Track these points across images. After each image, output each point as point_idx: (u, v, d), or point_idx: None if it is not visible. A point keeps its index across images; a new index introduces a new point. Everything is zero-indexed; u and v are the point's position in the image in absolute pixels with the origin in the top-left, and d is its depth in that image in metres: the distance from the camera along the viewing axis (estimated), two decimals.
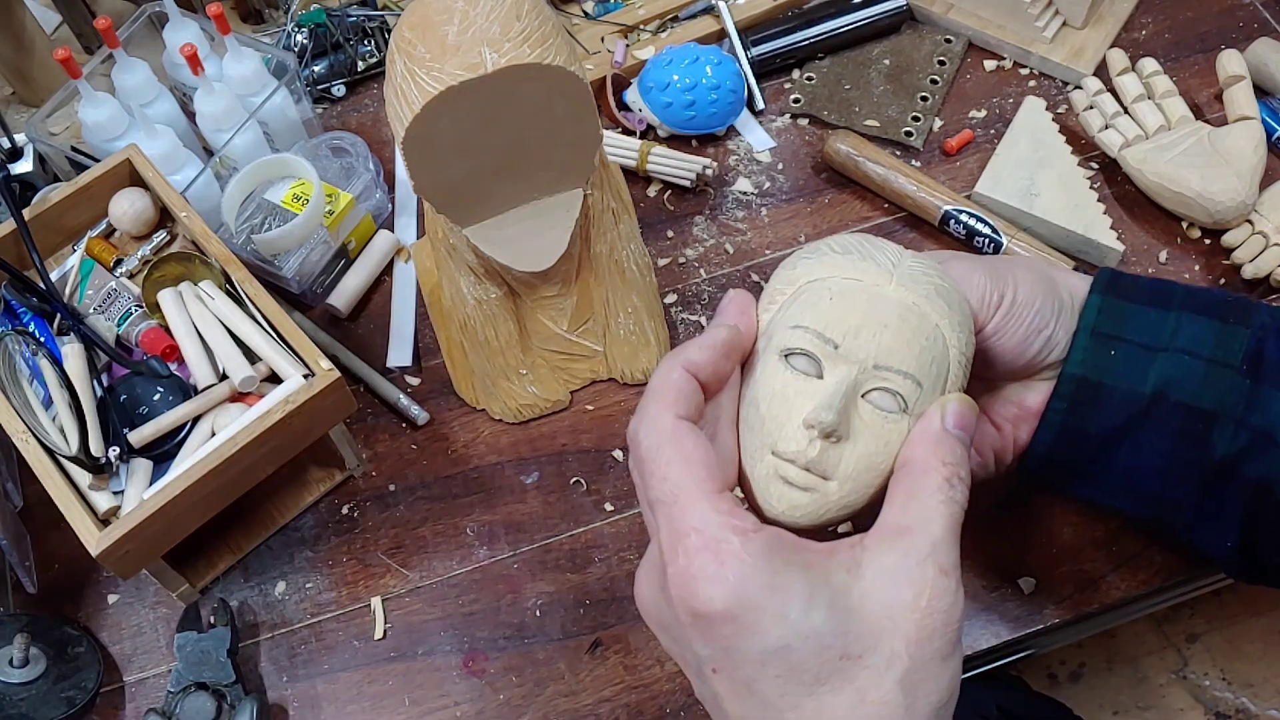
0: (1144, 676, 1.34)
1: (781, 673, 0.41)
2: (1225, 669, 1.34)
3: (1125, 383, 0.54)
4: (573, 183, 0.70)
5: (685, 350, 0.46)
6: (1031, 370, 0.56)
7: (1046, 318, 0.54)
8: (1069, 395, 0.55)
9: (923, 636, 0.42)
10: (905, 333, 0.46)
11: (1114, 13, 0.93)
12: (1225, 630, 1.36)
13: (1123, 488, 0.57)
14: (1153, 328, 0.55)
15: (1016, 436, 0.58)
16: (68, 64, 0.77)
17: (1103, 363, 0.55)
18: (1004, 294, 0.54)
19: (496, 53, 0.59)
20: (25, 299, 0.72)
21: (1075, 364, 0.55)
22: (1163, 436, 0.55)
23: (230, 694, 0.67)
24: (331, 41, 0.95)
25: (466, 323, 0.76)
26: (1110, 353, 0.55)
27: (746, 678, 0.41)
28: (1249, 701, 1.32)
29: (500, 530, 0.74)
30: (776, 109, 0.92)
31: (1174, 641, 1.36)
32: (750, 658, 0.41)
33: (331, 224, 0.82)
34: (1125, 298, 0.55)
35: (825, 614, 0.41)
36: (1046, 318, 0.54)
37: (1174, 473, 0.56)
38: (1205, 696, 1.32)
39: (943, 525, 0.43)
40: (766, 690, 0.41)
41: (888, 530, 0.43)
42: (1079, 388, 0.55)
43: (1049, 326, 0.55)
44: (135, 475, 0.66)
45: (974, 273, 0.54)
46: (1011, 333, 0.54)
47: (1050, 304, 0.54)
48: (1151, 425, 0.55)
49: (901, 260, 0.49)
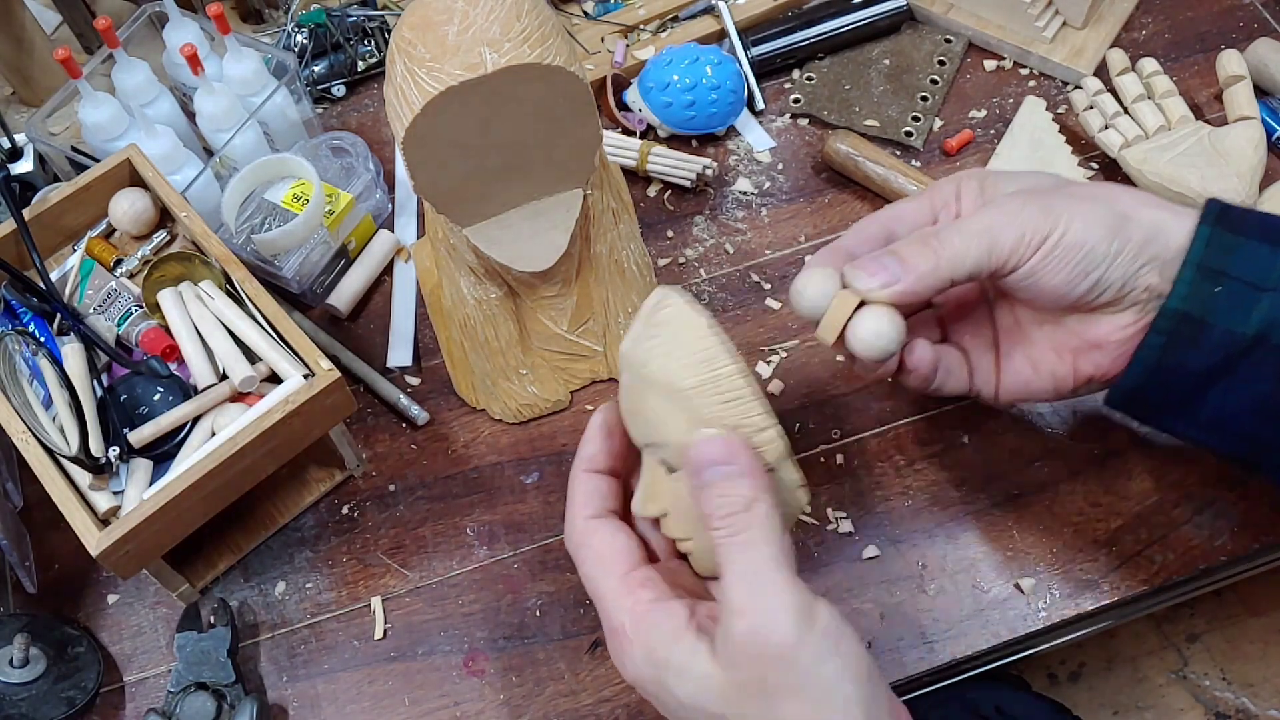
0: (1144, 676, 1.34)
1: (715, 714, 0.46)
2: (1225, 669, 1.34)
3: (1227, 321, 0.53)
4: (573, 183, 0.70)
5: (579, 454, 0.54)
6: (1083, 308, 0.56)
7: (1097, 260, 0.54)
8: (1168, 330, 0.54)
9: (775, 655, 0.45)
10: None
11: (1114, 13, 0.93)
12: (1225, 630, 1.36)
13: (1214, 425, 0.57)
14: (1261, 265, 0.53)
15: (1078, 366, 0.58)
16: (68, 64, 0.77)
17: (1206, 299, 0.53)
18: (1049, 234, 0.53)
19: (496, 53, 0.59)
20: (25, 299, 0.72)
21: (1178, 298, 0.53)
22: (1261, 378, 0.54)
23: (230, 694, 0.67)
24: (331, 41, 0.95)
25: (466, 323, 0.76)
26: (1215, 289, 0.53)
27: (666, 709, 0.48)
28: (1249, 701, 1.32)
29: (500, 530, 0.74)
30: (776, 109, 0.92)
31: (1174, 641, 1.36)
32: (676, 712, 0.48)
33: (331, 224, 0.82)
34: (1234, 230, 0.54)
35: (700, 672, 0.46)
36: (1097, 260, 0.54)
37: (1269, 414, 0.55)
38: (1205, 696, 1.32)
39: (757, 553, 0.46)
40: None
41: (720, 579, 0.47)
42: (1179, 323, 0.54)
43: (1099, 269, 0.54)
44: (135, 475, 0.66)
45: (1023, 209, 0.54)
46: (1051, 275, 0.54)
47: (1107, 245, 0.53)
48: (1250, 365, 0.53)
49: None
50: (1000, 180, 0.59)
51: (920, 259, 0.55)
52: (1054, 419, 0.75)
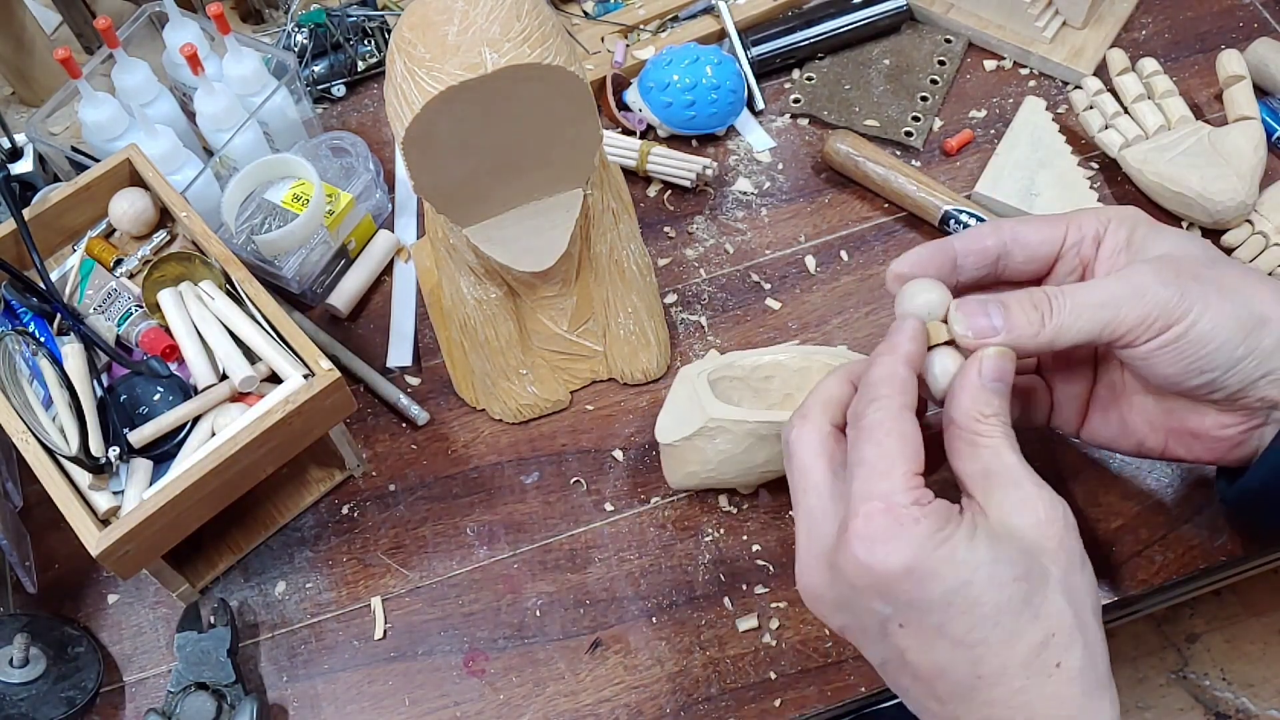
0: (1144, 676, 1.34)
1: (965, 608, 0.45)
2: (1225, 669, 1.34)
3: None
4: (573, 183, 0.70)
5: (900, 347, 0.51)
6: (1194, 397, 0.54)
7: (1218, 362, 0.51)
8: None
9: (1056, 546, 0.47)
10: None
11: (1114, 13, 0.93)
12: (1225, 630, 1.36)
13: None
14: None
15: (1169, 445, 0.57)
16: (68, 64, 0.77)
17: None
18: (1174, 323, 0.50)
19: (496, 53, 0.59)
20: (25, 299, 0.72)
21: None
22: None
23: (230, 694, 0.67)
24: (331, 41, 0.95)
25: (466, 323, 0.76)
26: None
27: (934, 623, 0.46)
28: (1249, 701, 1.32)
29: (500, 530, 0.74)
30: (776, 109, 0.92)
31: (1174, 641, 1.36)
32: (935, 603, 0.45)
33: (331, 224, 0.82)
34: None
35: (986, 548, 0.45)
36: (1218, 362, 0.51)
37: None
38: (1205, 696, 1.32)
39: (1010, 455, 0.48)
40: (955, 629, 0.45)
41: (976, 478, 0.49)
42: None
43: (1217, 370, 0.51)
44: (135, 475, 0.66)
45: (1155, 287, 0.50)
46: (1164, 364, 0.51)
47: (1233, 349, 0.50)
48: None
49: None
50: (1150, 238, 0.54)
51: (1025, 322, 0.51)
52: None
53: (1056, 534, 0.47)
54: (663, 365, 0.79)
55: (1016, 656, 0.45)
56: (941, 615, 0.45)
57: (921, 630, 0.46)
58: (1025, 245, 0.56)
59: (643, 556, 0.72)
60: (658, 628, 0.70)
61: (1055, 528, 0.47)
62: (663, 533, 0.73)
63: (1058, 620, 0.45)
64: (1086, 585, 0.47)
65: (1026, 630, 0.45)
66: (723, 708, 0.67)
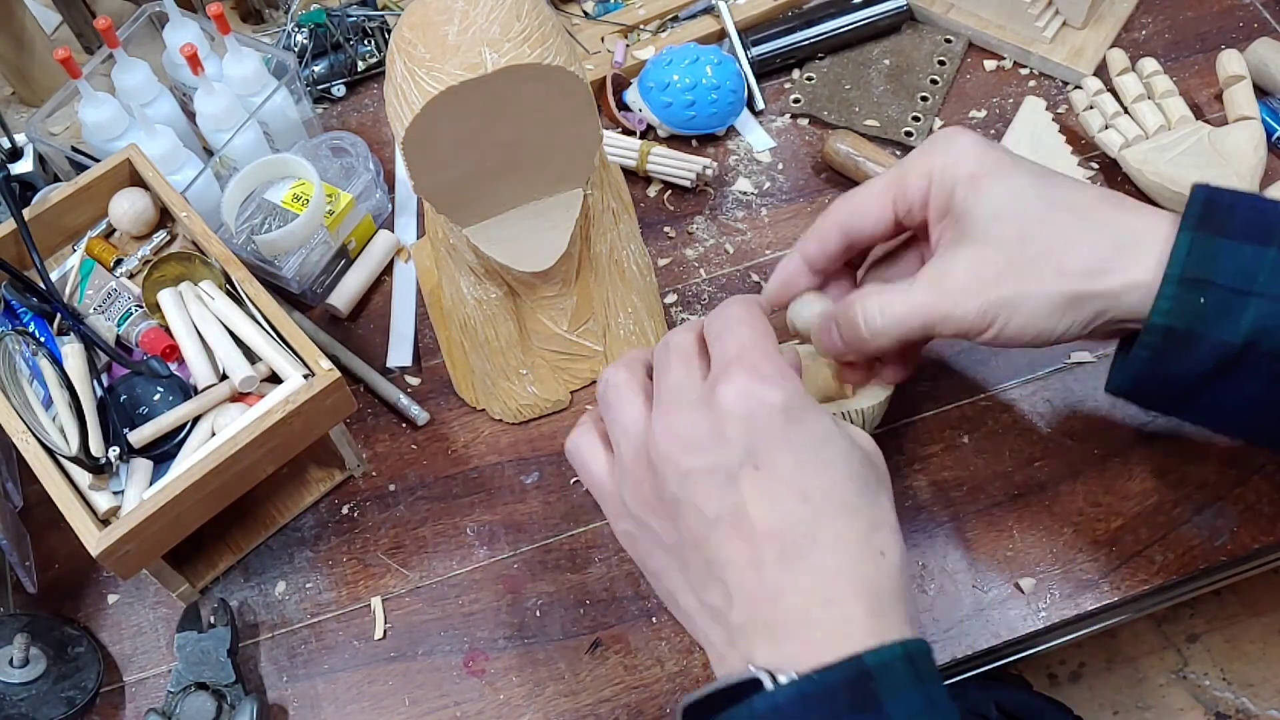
0: (1144, 676, 1.34)
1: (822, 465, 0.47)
2: (1225, 669, 1.34)
3: (1215, 331, 0.52)
4: (573, 183, 0.70)
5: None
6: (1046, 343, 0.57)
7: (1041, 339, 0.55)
8: (1154, 345, 0.53)
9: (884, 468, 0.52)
10: None
11: (1114, 13, 0.93)
12: (1225, 630, 1.36)
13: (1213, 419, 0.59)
14: (1247, 268, 0.51)
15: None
16: (68, 64, 0.77)
17: (1191, 310, 0.52)
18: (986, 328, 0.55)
19: (496, 53, 0.59)
20: (25, 299, 0.72)
21: (1161, 314, 0.52)
22: (1254, 381, 0.53)
23: (230, 694, 0.67)
24: (331, 41, 0.95)
25: (466, 323, 0.76)
26: (1199, 299, 0.52)
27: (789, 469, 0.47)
28: (1249, 701, 1.32)
29: (500, 530, 0.74)
30: (776, 109, 0.92)
31: (1174, 641, 1.36)
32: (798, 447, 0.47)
33: (331, 224, 0.82)
34: (1219, 232, 0.52)
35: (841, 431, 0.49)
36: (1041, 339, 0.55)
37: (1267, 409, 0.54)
38: (1205, 696, 1.32)
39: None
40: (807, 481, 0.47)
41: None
42: (1165, 338, 0.53)
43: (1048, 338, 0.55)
44: (135, 475, 0.66)
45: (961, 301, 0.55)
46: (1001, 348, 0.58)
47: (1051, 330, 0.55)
48: (1243, 372, 0.53)
49: None
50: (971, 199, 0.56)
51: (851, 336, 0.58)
52: (1054, 419, 0.75)
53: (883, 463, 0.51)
54: None
55: (852, 530, 0.46)
56: (798, 460, 0.47)
57: (774, 475, 0.46)
58: (859, 231, 0.60)
59: None
60: (658, 628, 0.70)
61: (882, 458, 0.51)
62: None
63: (886, 516, 0.48)
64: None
65: (865, 510, 0.47)
66: None
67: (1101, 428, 0.74)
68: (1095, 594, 0.69)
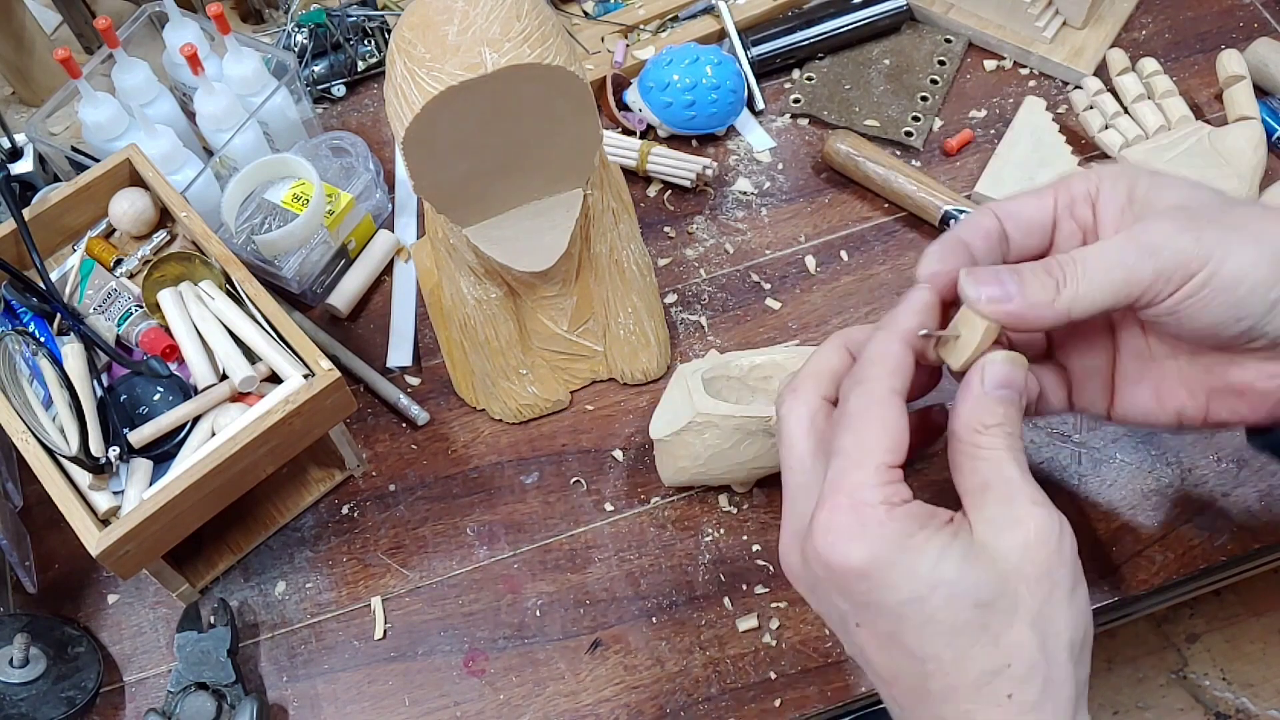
0: (1144, 676, 1.34)
1: (919, 623, 0.44)
2: (1225, 669, 1.34)
3: None
4: (573, 183, 0.70)
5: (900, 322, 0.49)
6: (1233, 349, 0.50)
7: (1252, 305, 0.47)
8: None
9: (1039, 574, 0.44)
10: None
11: (1114, 13, 0.93)
12: (1225, 630, 1.36)
13: None
14: None
15: (1211, 408, 0.53)
16: (68, 64, 0.77)
17: None
18: (1200, 269, 0.46)
19: (496, 53, 0.59)
20: (25, 299, 0.72)
21: None
22: None
23: (230, 694, 0.67)
24: (331, 41, 0.95)
25: (466, 323, 0.76)
26: None
27: (888, 629, 0.44)
28: (1249, 701, 1.32)
29: (500, 530, 0.74)
30: (776, 109, 0.92)
31: (1174, 641, 1.36)
32: (888, 610, 0.44)
33: (331, 224, 0.82)
34: None
35: (954, 566, 0.43)
36: (1252, 305, 0.47)
37: None
38: (1205, 696, 1.32)
39: (1011, 469, 0.45)
40: (908, 640, 0.44)
41: (973, 493, 0.46)
42: None
43: (1252, 316, 0.47)
44: (135, 475, 0.66)
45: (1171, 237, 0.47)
46: (1194, 317, 0.47)
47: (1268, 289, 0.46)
48: None
49: None
50: (1154, 190, 0.50)
51: (1039, 288, 0.47)
52: (1054, 419, 0.75)
53: (1043, 559, 0.44)
54: (663, 365, 0.79)
55: (966, 678, 0.43)
56: (895, 623, 0.44)
57: (876, 633, 0.45)
58: (1017, 217, 0.52)
59: (642, 556, 0.72)
60: (658, 628, 0.70)
61: (1043, 552, 0.44)
62: (662, 533, 0.73)
63: (1017, 652, 0.44)
64: (1068, 618, 0.45)
65: (980, 656, 0.44)
66: (723, 708, 0.67)
67: (1101, 428, 0.74)
68: (1095, 594, 0.69)
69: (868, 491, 0.45)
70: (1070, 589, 0.45)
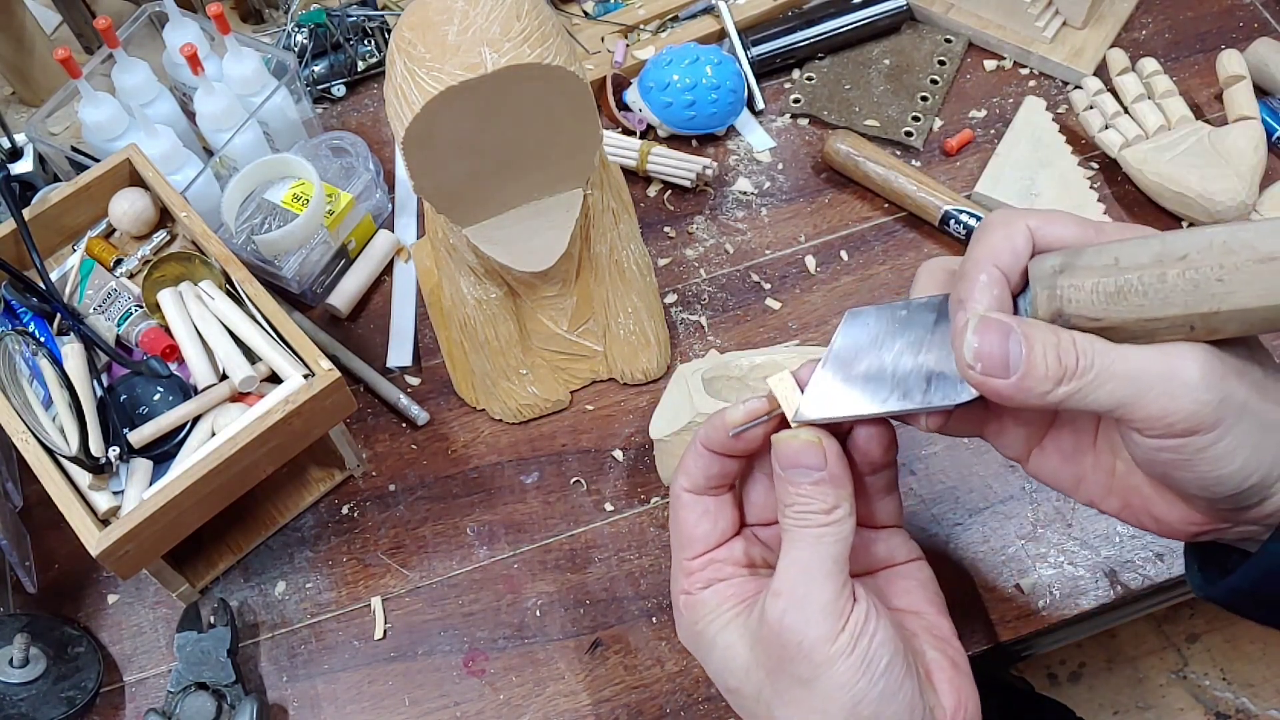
0: (1144, 676, 1.34)
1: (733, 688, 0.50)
2: (1225, 669, 1.34)
3: None
4: (573, 183, 0.70)
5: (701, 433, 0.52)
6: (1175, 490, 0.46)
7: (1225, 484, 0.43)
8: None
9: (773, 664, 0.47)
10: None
11: (1114, 13, 0.93)
12: (1225, 630, 1.36)
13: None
14: None
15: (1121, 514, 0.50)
16: (68, 64, 0.77)
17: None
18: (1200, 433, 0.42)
19: (496, 53, 0.59)
20: (25, 299, 0.72)
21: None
22: None
23: (230, 694, 0.67)
24: (331, 41, 0.95)
25: (466, 323, 0.76)
26: None
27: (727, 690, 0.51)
28: (1249, 701, 1.32)
29: (500, 530, 0.74)
30: (776, 109, 0.92)
31: (1174, 641, 1.36)
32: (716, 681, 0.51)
33: (331, 224, 0.82)
34: None
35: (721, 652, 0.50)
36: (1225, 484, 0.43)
37: None
38: (1205, 696, 1.32)
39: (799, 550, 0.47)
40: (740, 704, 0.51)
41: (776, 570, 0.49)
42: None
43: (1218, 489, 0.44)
44: (135, 475, 0.66)
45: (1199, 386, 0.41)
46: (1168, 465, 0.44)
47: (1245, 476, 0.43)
48: None
49: None
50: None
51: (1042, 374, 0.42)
52: None
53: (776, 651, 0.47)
54: (663, 365, 0.79)
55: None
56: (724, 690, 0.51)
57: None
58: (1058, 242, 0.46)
59: (643, 556, 0.72)
60: (658, 628, 0.70)
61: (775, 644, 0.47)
62: (663, 533, 0.73)
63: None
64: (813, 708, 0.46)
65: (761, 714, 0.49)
66: (723, 708, 0.67)
67: None
68: (1095, 594, 0.69)
69: (679, 582, 0.52)
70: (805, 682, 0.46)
